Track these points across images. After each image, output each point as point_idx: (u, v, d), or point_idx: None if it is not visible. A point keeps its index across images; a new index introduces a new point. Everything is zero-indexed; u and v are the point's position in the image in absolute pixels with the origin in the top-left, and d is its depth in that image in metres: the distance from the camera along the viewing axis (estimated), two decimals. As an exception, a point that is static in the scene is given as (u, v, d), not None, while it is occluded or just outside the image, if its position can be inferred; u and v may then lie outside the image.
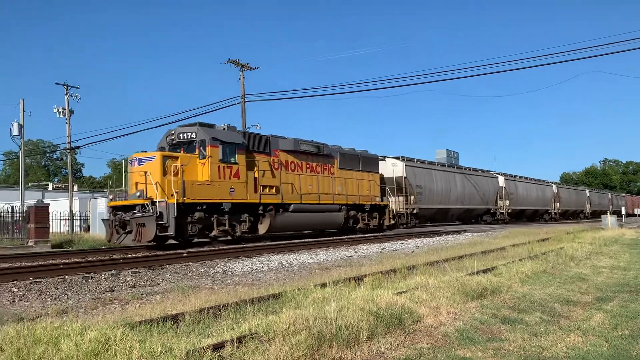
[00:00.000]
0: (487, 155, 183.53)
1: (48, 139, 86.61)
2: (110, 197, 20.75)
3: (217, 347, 4.74)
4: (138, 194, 17.81)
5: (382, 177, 30.74)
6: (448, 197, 38.06)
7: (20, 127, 33.95)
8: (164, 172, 17.84)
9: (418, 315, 6.46)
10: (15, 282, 10.22)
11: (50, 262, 13.26)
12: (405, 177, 32.27)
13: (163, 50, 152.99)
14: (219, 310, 6.78)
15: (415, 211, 32.72)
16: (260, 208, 21.27)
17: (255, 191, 20.91)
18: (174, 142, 19.72)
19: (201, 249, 17.38)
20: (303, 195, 23.37)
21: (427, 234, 26.82)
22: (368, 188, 28.03)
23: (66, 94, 36.50)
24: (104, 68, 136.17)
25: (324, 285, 8.21)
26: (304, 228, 25.63)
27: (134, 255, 15.14)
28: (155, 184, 17.37)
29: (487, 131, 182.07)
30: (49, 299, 9.03)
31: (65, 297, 9.25)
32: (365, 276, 9.52)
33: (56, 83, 36.85)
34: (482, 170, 46.97)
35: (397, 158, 33.45)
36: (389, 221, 29.54)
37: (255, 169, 21.06)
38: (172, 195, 17.45)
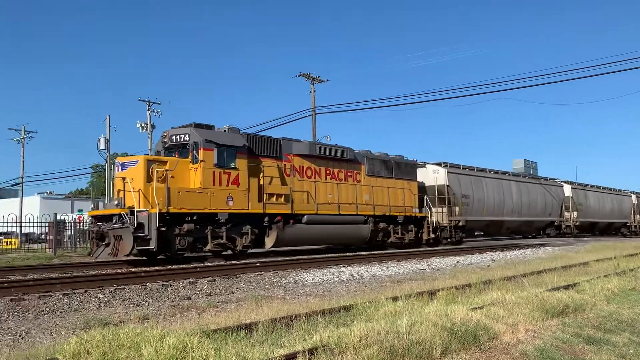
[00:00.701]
0: (568, 165, 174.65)
1: (132, 152, 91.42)
2: (92, 205, 18.56)
3: (290, 358, 4.79)
4: (116, 202, 16.20)
5: (423, 186, 28.05)
6: (502, 207, 34.19)
7: (107, 141, 36.14)
8: (148, 179, 15.94)
9: (494, 332, 6.23)
10: (101, 288, 10.80)
11: (133, 269, 13.93)
12: (448, 186, 28.72)
13: (235, 66, 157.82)
14: (291, 320, 6.85)
15: (460, 223, 29.09)
16: (266, 219, 18.95)
17: (260, 200, 18.64)
18: (167, 145, 17.95)
19: (274, 259, 17.60)
20: (320, 205, 20.96)
21: (503, 248, 25.85)
22: (402, 197, 24.99)
23: (148, 110, 38.49)
24: (181, 84, 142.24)
25: (395, 299, 8.11)
26: (321, 242, 22.80)
27: (210, 264, 15.60)
28: (138, 191, 15.64)
29: (568, 140, 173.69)
30: (131, 305, 9.49)
31: (146, 304, 9.69)
32: (438, 290, 9.31)
33: (139, 100, 39.00)
34: (545, 178, 43.01)
35: (439, 164, 30.08)
36: (428, 235, 26.47)
37: (260, 175, 18.82)
38: (157, 204, 15.63)
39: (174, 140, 17.62)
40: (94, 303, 9.50)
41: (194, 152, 17.25)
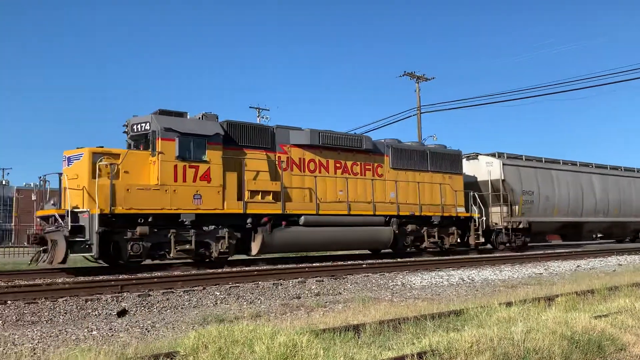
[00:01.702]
0: None
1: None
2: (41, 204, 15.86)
3: (398, 361, 4.74)
4: (52, 201, 14.40)
5: (474, 181, 23.81)
6: (580, 205, 27.88)
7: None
8: (94, 174, 13.69)
9: (622, 342, 5.73)
10: (217, 286, 11.38)
11: (246, 268, 14.55)
12: (503, 180, 23.73)
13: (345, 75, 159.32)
14: (399, 323, 6.78)
15: (521, 225, 24.07)
16: (249, 220, 15.89)
17: (240, 198, 15.74)
18: (130, 135, 15.60)
19: (380, 261, 17.50)
20: (324, 204, 17.72)
21: (631, 251, 23.71)
22: (441, 194, 20.90)
23: (258, 116, 40.14)
24: (286, 90, 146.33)
25: (509, 304, 7.73)
26: (324, 247, 19.18)
27: (318, 265, 15.88)
28: (82, 189, 13.60)
29: None
30: (245, 303, 9.93)
31: (259, 302, 10.09)
32: (557, 296, 8.75)
33: (250, 107, 40.83)
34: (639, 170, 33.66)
35: (493, 155, 24.85)
36: (475, 239, 21.79)
37: (243, 169, 15.94)
38: (98, 204, 13.51)
39: (135, 130, 15.24)
40: (211, 300, 10.04)
41: (154, 142, 14.82)
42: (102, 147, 14.35)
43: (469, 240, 21.84)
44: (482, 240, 22.29)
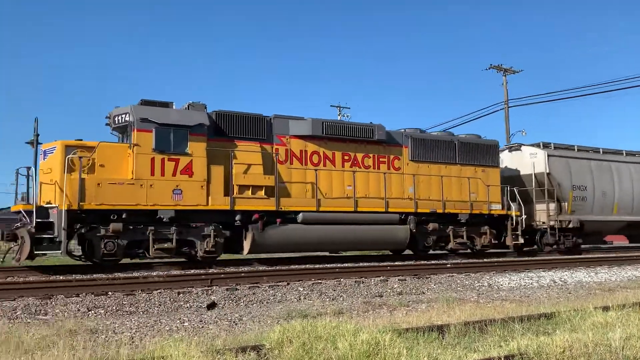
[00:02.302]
0: None
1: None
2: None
3: (484, 363, 4.61)
4: (20, 196, 13.89)
5: (516, 175, 21.54)
6: None
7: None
8: (68, 168, 13.12)
9: None
10: (300, 282, 11.58)
11: (328, 265, 14.71)
12: (548, 174, 21.02)
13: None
14: (485, 325, 6.59)
15: (571, 224, 21.21)
16: (238, 217, 14.74)
17: (227, 194, 14.67)
18: (112, 127, 14.92)
19: (465, 261, 17.03)
20: (327, 200, 16.22)
21: None
22: (471, 189, 18.66)
23: (339, 115, 40.38)
24: (362, 85, 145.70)
25: (606, 309, 7.28)
26: (326, 248, 17.77)
27: (400, 263, 15.71)
28: (54, 183, 13.09)
29: None
30: (327, 299, 10.04)
31: (341, 299, 10.17)
32: (660, 301, 8.12)
33: (331, 105, 41.19)
34: None
35: (538, 145, 22.16)
36: (514, 240, 19.39)
37: (232, 161, 14.80)
38: (66, 199, 12.91)
39: (117, 122, 14.53)
40: (294, 295, 10.25)
41: (130, 134, 14.14)
42: (81, 139, 13.82)
43: (505, 241, 19.51)
44: (521, 241, 19.73)
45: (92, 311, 8.58)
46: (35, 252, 12.67)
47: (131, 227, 13.56)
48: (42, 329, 6.69)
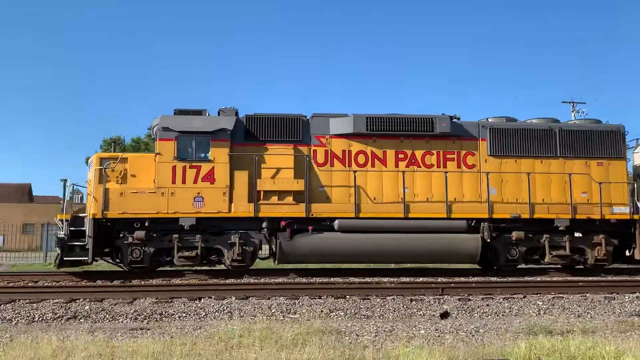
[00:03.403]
0: None
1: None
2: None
3: None
4: (63, 207, 14.54)
5: None
6: None
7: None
8: (101, 179, 13.78)
9: None
10: (539, 295, 10.85)
11: (570, 278, 13.38)
12: None
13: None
14: None
15: None
16: (264, 225, 13.98)
17: (252, 200, 13.96)
18: (152, 138, 15.02)
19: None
20: (371, 205, 14.29)
21: None
22: (584, 188, 14.91)
23: (573, 111, 36.93)
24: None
25: None
26: (369, 259, 15.16)
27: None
28: (90, 194, 13.83)
29: None
30: (572, 316, 9.28)
31: (588, 316, 9.31)
32: None
33: (562, 102, 37.93)
34: None
35: None
36: None
37: (260, 166, 14.14)
38: (92, 208, 13.68)
39: (153, 133, 14.72)
40: (533, 309, 9.66)
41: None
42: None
43: (633, 254, 14.99)
44: None
45: (334, 313, 9.24)
46: (65, 259, 13.53)
47: (155, 235, 13.88)
48: (295, 327, 7.40)
